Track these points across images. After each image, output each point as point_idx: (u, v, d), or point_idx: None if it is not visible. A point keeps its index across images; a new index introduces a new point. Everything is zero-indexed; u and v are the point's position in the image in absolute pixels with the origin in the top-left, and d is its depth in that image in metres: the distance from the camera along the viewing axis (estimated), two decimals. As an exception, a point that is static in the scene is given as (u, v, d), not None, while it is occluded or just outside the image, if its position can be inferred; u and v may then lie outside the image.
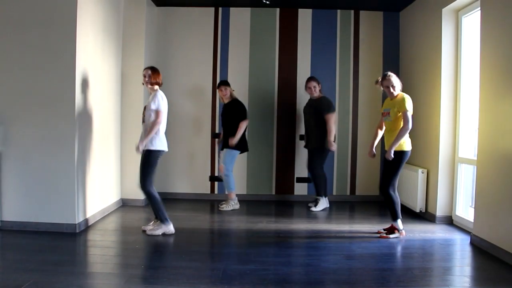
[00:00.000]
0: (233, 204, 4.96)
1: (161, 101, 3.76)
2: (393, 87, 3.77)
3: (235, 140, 4.77)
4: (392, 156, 3.69)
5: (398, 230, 3.81)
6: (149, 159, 3.74)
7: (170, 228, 3.84)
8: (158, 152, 3.78)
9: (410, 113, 3.67)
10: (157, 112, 3.74)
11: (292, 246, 3.66)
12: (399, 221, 3.82)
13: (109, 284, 2.69)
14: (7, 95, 3.80)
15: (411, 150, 3.79)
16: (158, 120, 3.73)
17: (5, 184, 3.82)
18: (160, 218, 3.82)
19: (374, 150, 4.09)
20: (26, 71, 3.77)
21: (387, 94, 3.89)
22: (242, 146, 4.93)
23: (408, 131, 3.68)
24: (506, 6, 3.29)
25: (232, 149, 4.86)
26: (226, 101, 4.95)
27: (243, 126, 4.83)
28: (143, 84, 3.90)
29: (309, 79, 5.02)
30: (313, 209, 4.95)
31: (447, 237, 3.89)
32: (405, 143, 3.73)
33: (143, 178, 3.75)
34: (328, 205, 5.03)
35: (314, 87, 4.94)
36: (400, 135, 3.66)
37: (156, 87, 3.85)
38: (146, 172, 3.75)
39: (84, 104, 3.96)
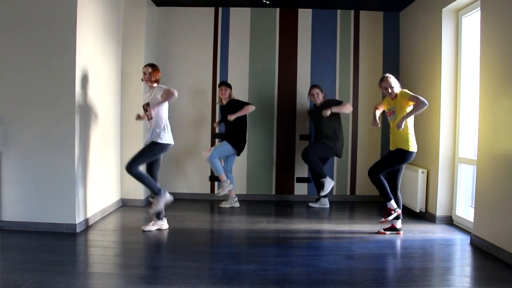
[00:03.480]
0: (232, 202, 4.97)
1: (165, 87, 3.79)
2: (392, 88, 3.80)
3: (235, 115, 4.81)
4: (402, 125, 3.66)
5: (394, 210, 3.84)
6: (152, 150, 3.76)
7: (167, 196, 3.84)
8: (166, 145, 3.81)
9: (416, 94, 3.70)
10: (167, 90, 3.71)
11: (292, 246, 3.66)
12: (392, 202, 3.85)
13: (109, 284, 2.68)
14: (7, 95, 3.80)
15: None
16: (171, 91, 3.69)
17: (5, 184, 3.82)
18: (154, 191, 3.81)
19: (378, 120, 4.06)
20: (26, 71, 3.77)
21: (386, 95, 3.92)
22: (240, 145, 4.94)
23: (426, 104, 3.59)
24: (506, 6, 3.29)
25: (230, 145, 4.88)
26: (224, 102, 4.98)
27: (249, 107, 4.88)
28: (142, 80, 3.93)
29: (313, 86, 5.08)
30: (322, 193, 4.90)
31: (447, 237, 3.89)
32: (412, 144, 3.76)
33: (133, 160, 3.73)
34: (333, 183, 4.97)
35: (317, 94, 4.99)
36: (417, 107, 3.61)
37: (155, 84, 3.87)
38: (141, 158, 3.76)
39: (84, 104, 3.96)
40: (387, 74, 3.89)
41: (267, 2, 5.18)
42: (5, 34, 3.77)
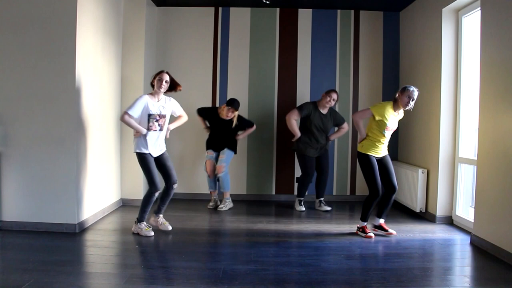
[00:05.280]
0: (229, 203, 5.00)
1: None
2: (413, 101, 3.70)
3: (242, 136, 5.09)
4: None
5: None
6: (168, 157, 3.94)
7: (144, 232, 3.79)
8: (139, 154, 3.74)
9: (369, 111, 3.80)
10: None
11: (292, 246, 3.67)
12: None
13: (109, 284, 2.68)
14: (7, 95, 3.80)
15: (410, 149, 3.80)
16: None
17: (5, 184, 3.82)
18: (140, 217, 3.81)
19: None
20: (26, 71, 3.77)
21: (402, 105, 3.71)
22: (236, 148, 5.08)
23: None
24: (506, 6, 3.29)
25: (231, 150, 4.97)
26: (227, 119, 4.91)
27: (250, 129, 5.08)
28: (151, 85, 3.91)
29: (335, 91, 4.84)
30: (299, 208, 5.01)
31: (447, 237, 3.89)
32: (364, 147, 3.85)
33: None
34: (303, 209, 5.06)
35: (334, 100, 4.81)
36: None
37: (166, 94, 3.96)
38: (145, 175, 3.81)
39: (84, 104, 3.95)
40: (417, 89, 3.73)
41: (267, 2, 5.18)
42: (5, 34, 3.77)
